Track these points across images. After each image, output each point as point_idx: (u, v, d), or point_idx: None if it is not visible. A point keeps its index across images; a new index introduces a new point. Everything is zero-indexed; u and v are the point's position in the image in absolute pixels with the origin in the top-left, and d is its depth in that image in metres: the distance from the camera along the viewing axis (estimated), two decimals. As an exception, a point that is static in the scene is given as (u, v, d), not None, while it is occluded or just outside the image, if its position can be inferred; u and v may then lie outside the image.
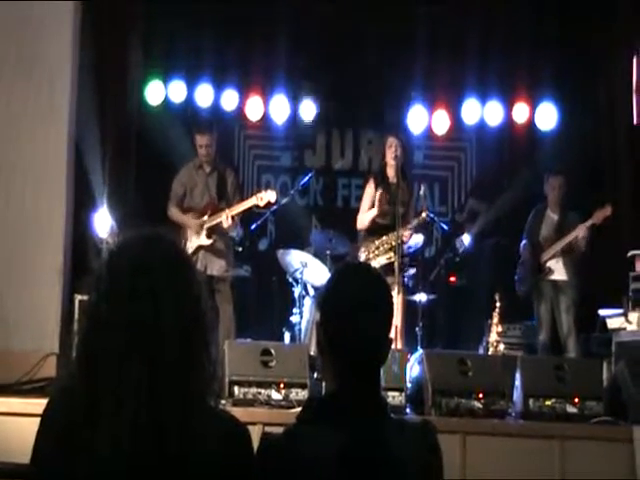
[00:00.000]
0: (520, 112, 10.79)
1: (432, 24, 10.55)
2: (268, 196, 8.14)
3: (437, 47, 10.54)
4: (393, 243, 7.89)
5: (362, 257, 8.06)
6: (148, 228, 2.25)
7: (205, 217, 8.17)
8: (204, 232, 8.15)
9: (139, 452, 2.02)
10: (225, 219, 8.04)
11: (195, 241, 8.14)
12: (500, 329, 8.50)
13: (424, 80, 10.65)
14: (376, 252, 8.02)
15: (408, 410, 6.36)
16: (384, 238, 8.01)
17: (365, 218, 8.16)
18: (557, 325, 8.65)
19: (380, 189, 8.03)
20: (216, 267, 8.18)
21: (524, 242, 8.89)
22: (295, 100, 10.68)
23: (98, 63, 8.89)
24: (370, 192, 8.20)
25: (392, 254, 7.90)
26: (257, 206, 8.28)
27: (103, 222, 8.38)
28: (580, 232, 8.47)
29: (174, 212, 8.35)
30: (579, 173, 9.06)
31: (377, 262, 7.89)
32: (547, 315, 8.73)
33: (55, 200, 7.23)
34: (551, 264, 8.68)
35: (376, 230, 8.10)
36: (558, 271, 8.67)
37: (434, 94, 10.77)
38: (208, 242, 8.15)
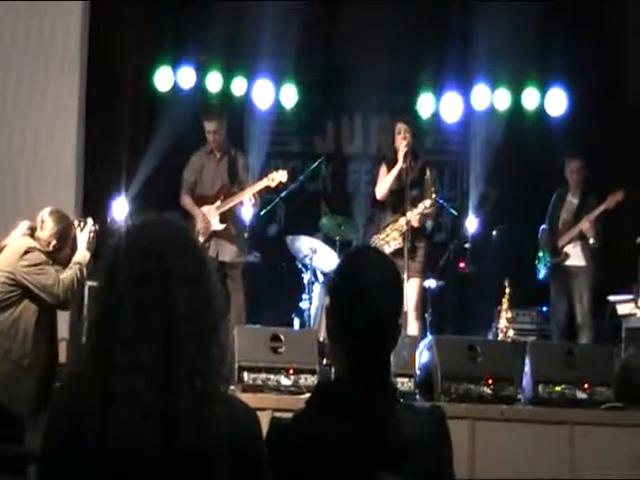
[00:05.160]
0: (530, 97, 10.75)
1: (440, 9, 10.52)
2: (279, 176, 8.13)
3: (446, 32, 10.50)
4: (402, 229, 7.89)
5: (374, 243, 8.06)
6: (157, 213, 2.26)
7: (218, 202, 8.16)
8: (217, 217, 8.13)
9: (150, 438, 2.02)
10: (248, 199, 8.01)
11: (207, 227, 8.12)
12: (510, 315, 8.49)
13: (433, 65, 10.62)
14: (387, 238, 8.02)
15: (417, 396, 6.37)
16: (395, 225, 8.01)
17: (384, 183, 8.12)
18: (573, 310, 8.64)
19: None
20: (228, 253, 8.17)
21: (543, 226, 8.90)
22: (304, 86, 10.64)
23: (107, 51, 8.89)
24: (383, 171, 8.20)
25: (401, 240, 7.90)
26: (269, 187, 8.28)
27: (121, 209, 8.43)
28: (584, 225, 8.48)
29: (186, 201, 8.33)
30: (591, 158, 9.01)
31: (389, 247, 7.87)
32: (563, 300, 8.72)
33: (64, 188, 7.26)
34: (568, 249, 8.68)
35: (391, 204, 8.08)
36: (575, 256, 8.67)
37: (443, 79, 10.73)
38: (221, 227, 8.14)
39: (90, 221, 5.83)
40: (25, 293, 5.50)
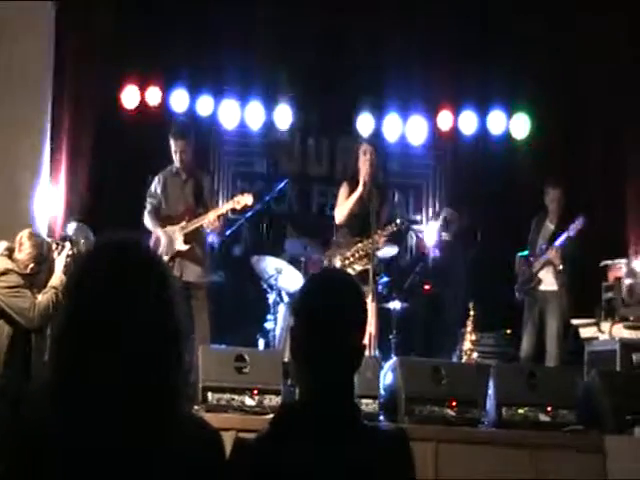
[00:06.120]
0: (495, 121, 10.81)
1: (405, 30, 10.58)
2: (245, 200, 8.10)
3: (412, 55, 10.57)
4: (368, 251, 7.89)
5: (337, 264, 8.04)
6: (121, 234, 2.24)
7: (183, 223, 8.10)
8: (181, 238, 8.07)
9: (112, 456, 2.01)
10: (210, 222, 7.95)
11: (171, 248, 8.07)
12: (474, 338, 8.52)
13: (399, 88, 10.66)
14: (351, 259, 8.01)
15: (381, 417, 6.36)
16: (359, 245, 8.00)
17: (345, 207, 8.12)
18: (543, 334, 8.69)
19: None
20: (192, 273, 8.10)
21: (519, 253, 8.96)
22: (271, 106, 10.64)
23: (72, 68, 8.86)
24: (344, 192, 8.19)
25: (366, 261, 7.90)
26: (234, 210, 8.25)
27: (76, 228, 8.34)
28: (551, 253, 8.56)
29: (150, 220, 8.25)
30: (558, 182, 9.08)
31: (352, 270, 7.87)
32: (534, 325, 8.75)
33: (28, 205, 7.21)
34: (541, 274, 8.74)
35: (353, 227, 8.07)
36: (547, 281, 8.73)
37: (409, 102, 10.77)
38: (185, 247, 8.07)
39: (68, 245, 5.82)
40: None
